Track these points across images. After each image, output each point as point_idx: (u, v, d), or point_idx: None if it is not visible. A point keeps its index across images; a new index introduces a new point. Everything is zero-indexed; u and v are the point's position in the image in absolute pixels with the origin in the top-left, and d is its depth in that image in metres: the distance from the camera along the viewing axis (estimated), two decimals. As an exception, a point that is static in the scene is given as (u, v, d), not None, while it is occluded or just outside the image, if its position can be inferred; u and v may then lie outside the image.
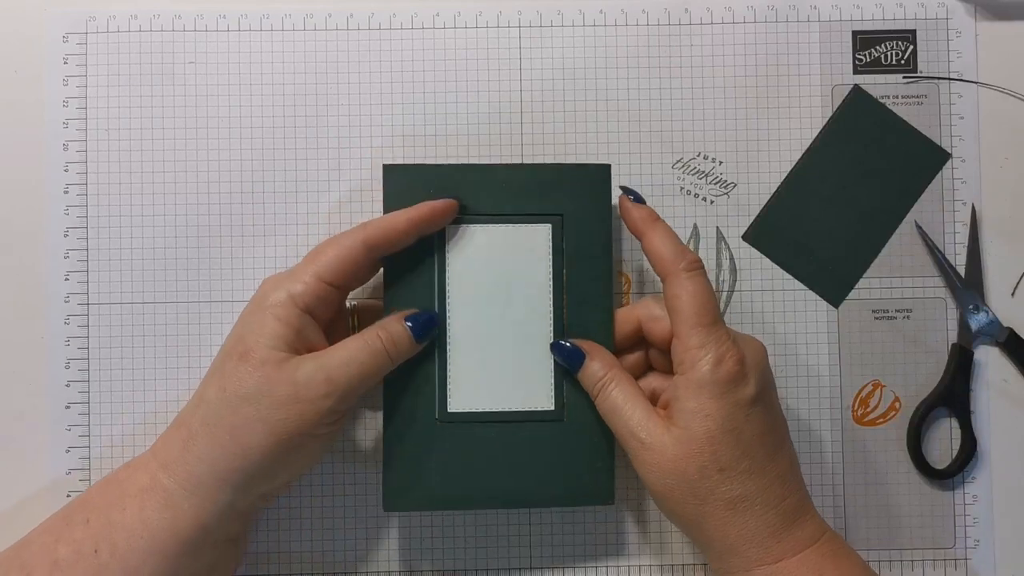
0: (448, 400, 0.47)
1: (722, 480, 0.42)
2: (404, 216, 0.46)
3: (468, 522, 0.51)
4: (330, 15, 0.52)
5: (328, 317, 0.46)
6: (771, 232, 0.52)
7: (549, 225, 0.48)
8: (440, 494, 0.47)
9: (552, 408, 0.48)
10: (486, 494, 0.47)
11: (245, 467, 0.42)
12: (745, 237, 0.52)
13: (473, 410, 0.47)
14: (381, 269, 0.48)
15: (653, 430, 0.44)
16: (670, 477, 0.43)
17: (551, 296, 0.48)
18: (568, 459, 0.47)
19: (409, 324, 0.45)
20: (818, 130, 0.53)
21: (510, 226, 0.48)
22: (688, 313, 0.44)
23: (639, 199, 0.47)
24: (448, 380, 0.47)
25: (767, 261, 0.52)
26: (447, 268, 0.48)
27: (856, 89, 0.52)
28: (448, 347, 0.47)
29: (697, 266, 0.45)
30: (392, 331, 0.45)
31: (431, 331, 0.46)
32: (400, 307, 0.47)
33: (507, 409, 0.48)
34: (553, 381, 0.48)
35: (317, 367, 0.43)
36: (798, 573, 0.42)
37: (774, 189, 0.52)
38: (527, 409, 0.48)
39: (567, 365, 0.47)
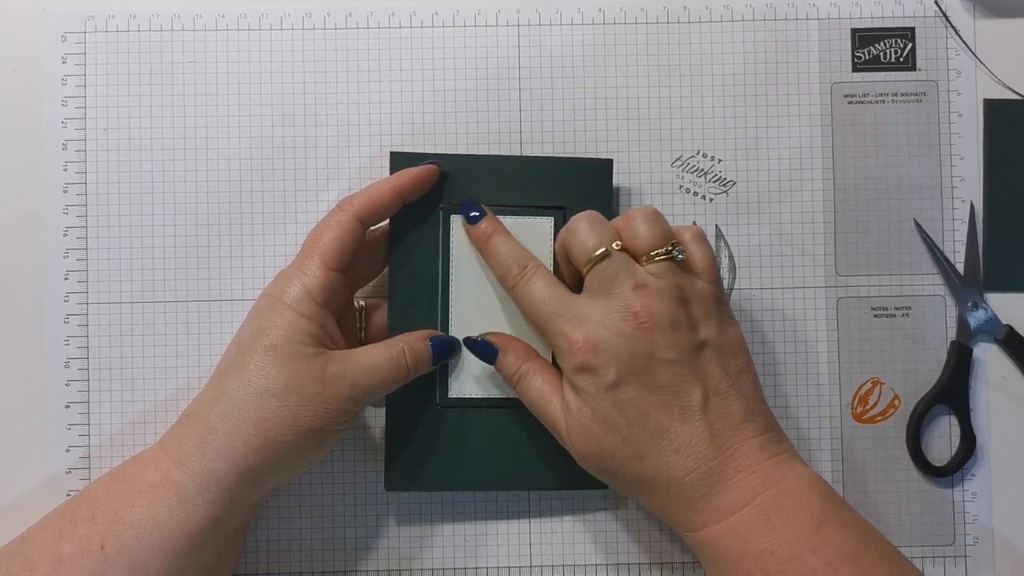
0: (449, 386, 0.49)
1: (617, 466, 0.43)
2: (388, 185, 0.46)
3: (468, 520, 0.51)
4: (329, 14, 0.52)
5: (339, 311, 0.47)
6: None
7: (551, 219, 0.49)
8: (439, 476, 0.49)
9: None
10: (483, 477, 0.49)
11: (268, 461, 0.43)
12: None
13: (472, 396, 0.49)
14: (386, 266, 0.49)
15: (560, 424, 0.45)
16: (584, 462, 0.45)
17: None
18: (561, 445, 0.48)
19: (431, 345, 0.47)
20: (817, 128, 0.53)
21: (514, 217, 0.49)
22: (532, 320, 0.46)
23: (477, 215, 0.47)
24: (449, 367, 0.49)
25: (766, 259, 0.52)
26: (451, 257, 0.48)
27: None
28: (450, 334, 0.48)
29: (519, 278, 0.46)
30: (416, 349, 0.46)
31: (447, 357, 0.48)
32: (403, 296, 0.48)
33: (505, 396, 0.49)
34: None
35: (344, 369, 0.44)
36: (722, 541, 0.42)
37: (773, 188, 0.52)
38: None
39: (482, 359, 0.48)
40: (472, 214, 0.48)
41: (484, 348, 0.47)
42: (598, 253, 0.43)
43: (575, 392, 0.44)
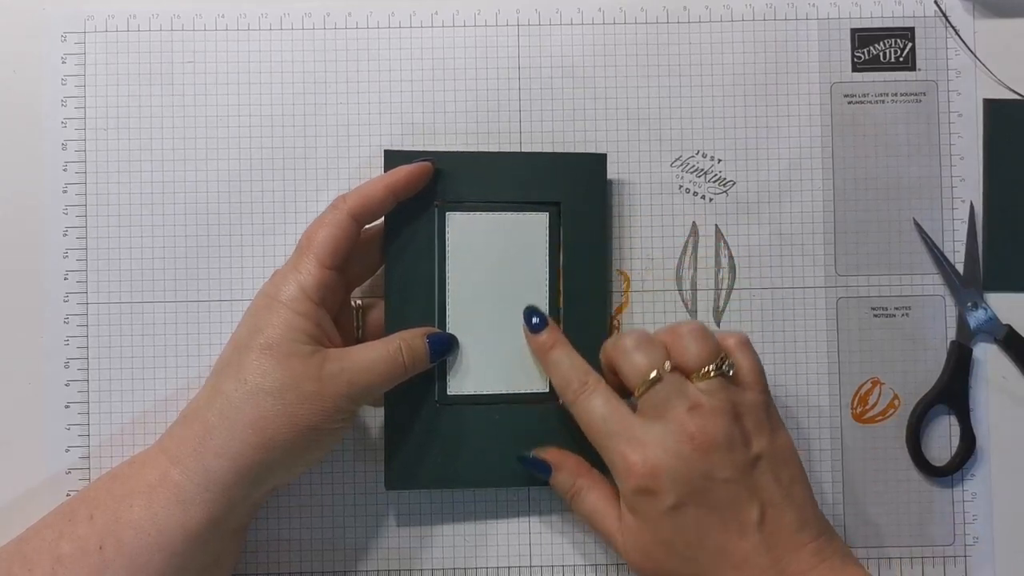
0: (447, 383, 0.49)
1: None
2: (381, 183, 0.46)
3: (468, 520, 0.51)
4: (328, 14, 0.52)
5: (336, 310, 0.47)
6: None
7: (547, 214, 0.49)
8: (439, 474, 0.49)
9: (546, 391, 0.49)
10: (483, 475, 0.49)
11: (266, 460, 0.43)
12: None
13: (471, 393, 0.49)
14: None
15: (617, 540, 0.45)
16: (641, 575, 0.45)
17: (547, 283, 0.49)
18: (561, 440, 0.49)
19: (429, 342, 0.47)
20: (817, 128, 0.53)
21: (509, 214, 0.49)
22: (589, 436, 0.45)
23: (540, 323, 0.48)
24: (447, 364, 0.49)
25: (765, 259, 0.52)
26: (447, 254, 0.49)
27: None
28: (447, 331, 0.49)
29: (579, 393, 0.46)
30: (414, 346, 0.46)
31: (445, 354, 0.48)
32: (399, 294, 0.48)
33: (503, 392, 0.49)
34: None
35: (341, 368, 0.44)
36: None
37: (773, 188, 0.52)
38: (522, 391, 0.49)
39: (536, 475, 0.48)
40: (534, 321, 0.48)
41: (538, 465, 0.48)
42: (651, 377, 0.44)
43: (633, 514, 0.44)
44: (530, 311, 0.48)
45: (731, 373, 0.44)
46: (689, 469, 0.43)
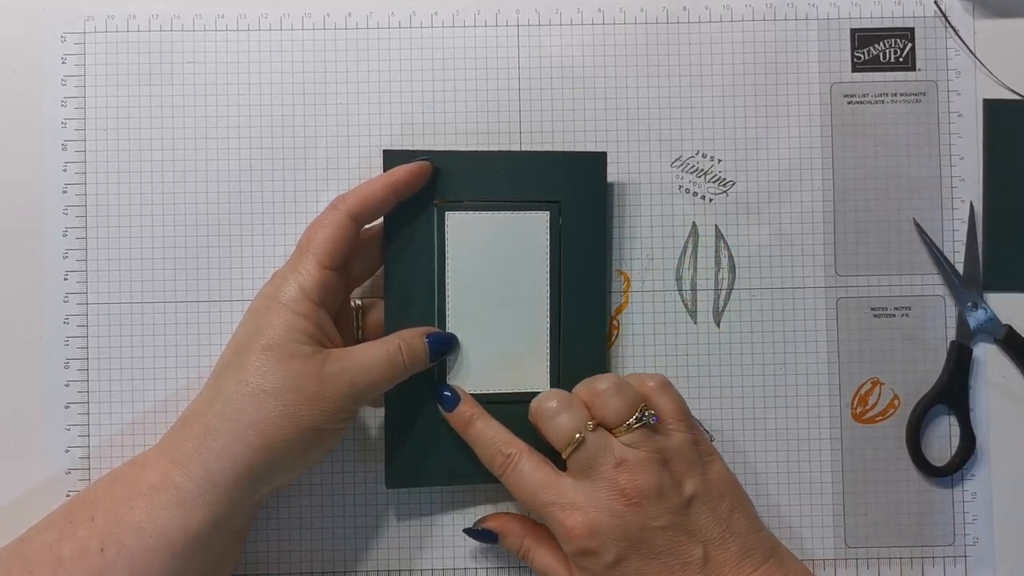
0: (447, 382, 0.49)
1: None
2: (380, 182, 0.46)
3: (468, 520, 0.51)
4: (328, 14, 0.52)
5: (335, 311, 0.47)
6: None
7: (547, 213, 0.49)
8: (439, 472, 0.49)
9: (547, 389, 0.49)
10: (483, 472, 0.49)
11: (268, 461, 0.43)
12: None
13: (471, 392, 0.49)
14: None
15: None
16: None
17: (547, 283, 0.49)
18: None
19: (428, 341, 0.47)
20: (817, 128, 0.53)
21: (509, 213, 0.49)
22: (524, 505, 0.46)
23: (453, 398, 0.48)
24: (447, 363, 0.49)
25: (765, 259, 0.52)
26: (446, 254, 0.49)
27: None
28: (447, 330, 0.49)
29: (505, 466, 0.46)
30: (413, 345, 0.46)
31: (444, 353, 0.48)
32: (399, 293, 0.48)
33: (503, 391, 0.49)
34: (548, 363, 0.49)
35: (342, 368, 0.44)
36: None
37: (773, 188, 0.52)
38: (523, 391, 0.49)
39: (485, 543, 0.50)
40: (446, 394, 0.48)
41: (484, 535, 0.49)
42: (576, 439, 0.44)
43: (581, 571, 0.45)
44: (440, 387, 0.48)
45: (653, 423, 0.45)
46: (625, 524, 0.43)
